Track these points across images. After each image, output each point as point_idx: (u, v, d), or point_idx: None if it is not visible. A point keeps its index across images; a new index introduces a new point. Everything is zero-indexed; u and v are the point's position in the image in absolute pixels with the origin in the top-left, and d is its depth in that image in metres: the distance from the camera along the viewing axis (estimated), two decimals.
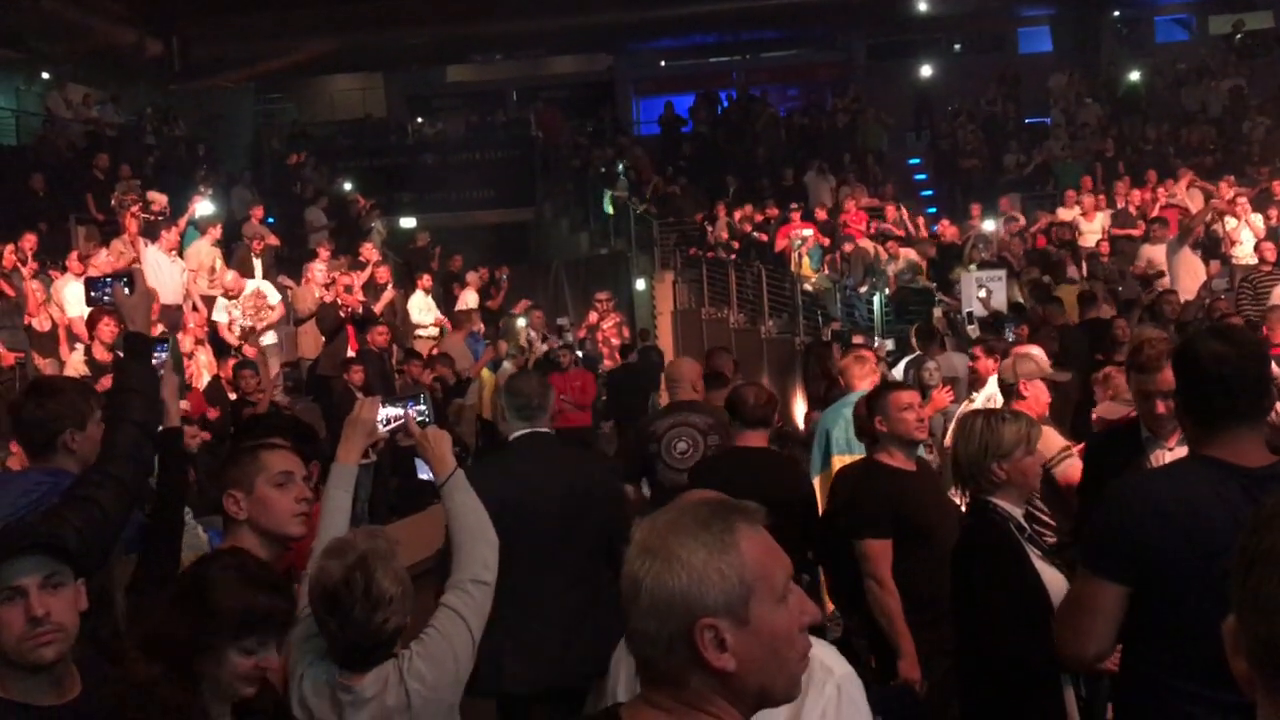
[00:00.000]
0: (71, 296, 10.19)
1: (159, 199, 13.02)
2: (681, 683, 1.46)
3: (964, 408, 6.19)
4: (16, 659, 2.18)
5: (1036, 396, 5.16)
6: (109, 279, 3.33)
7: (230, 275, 12.12)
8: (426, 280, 14.29)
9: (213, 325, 11.66)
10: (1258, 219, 14.00)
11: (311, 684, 2.67)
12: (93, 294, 3.39)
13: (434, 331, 13.82)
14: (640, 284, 19.79)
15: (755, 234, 17.81)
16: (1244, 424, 2.55)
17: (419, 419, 3.23)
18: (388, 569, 2.58)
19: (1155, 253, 13.18)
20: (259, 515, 2.96)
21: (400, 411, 3.22)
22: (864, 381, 5.95)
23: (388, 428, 3.21)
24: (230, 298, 11.68)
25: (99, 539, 2.66)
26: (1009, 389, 5.27)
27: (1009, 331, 9.18)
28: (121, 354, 3.05)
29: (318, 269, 12.49)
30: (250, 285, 12.05)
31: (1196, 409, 2.61)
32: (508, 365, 12.41)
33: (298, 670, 2.70)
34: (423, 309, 14.05)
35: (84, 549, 2.53)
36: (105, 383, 6.56)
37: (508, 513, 3.43)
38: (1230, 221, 14.00)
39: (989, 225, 16.08)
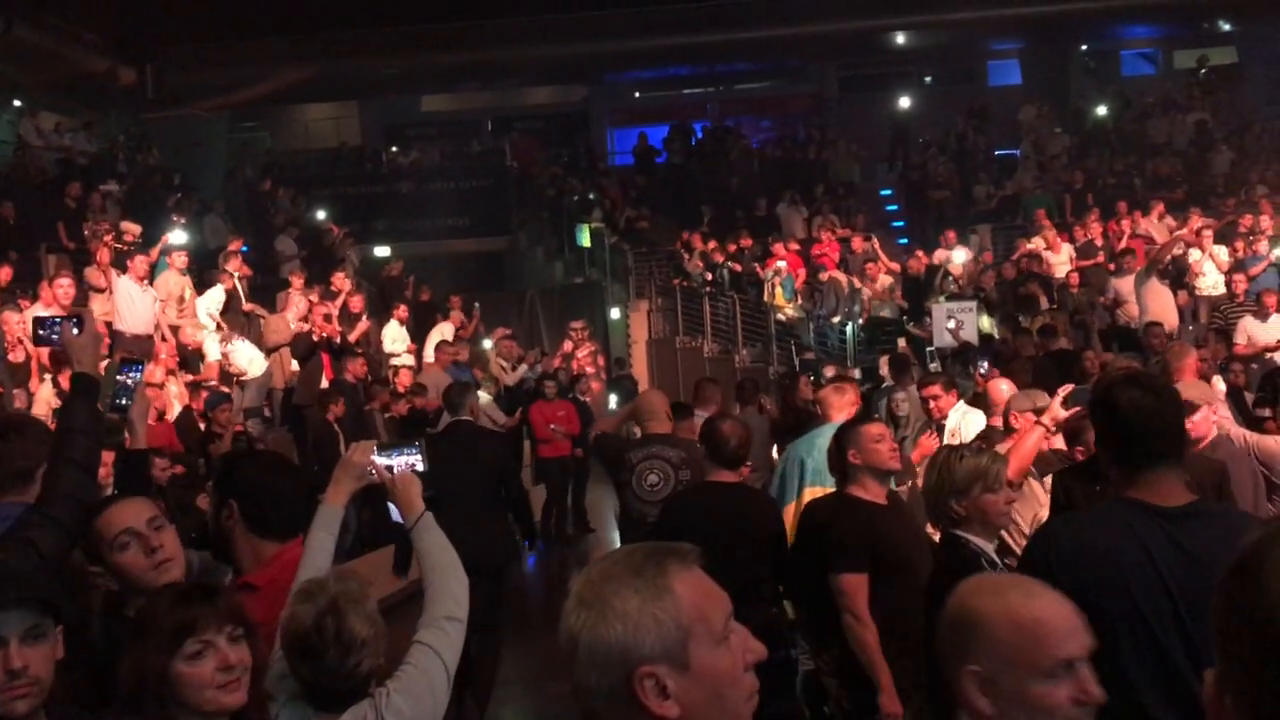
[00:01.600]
0: None
1: (132, 229, 12.96)
2: None
3: (917, 448, 6.19)
4: None
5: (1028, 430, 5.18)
6: (58, 319, 3.23)
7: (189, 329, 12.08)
8: (402, 311, 14.26)
9: (183, 354, 11.61)
10: (1221, 250, 14.21)
11: None
12: (40, 333, 3.24)
13: (408, 360, 13.79)
14: (615, 313, 19.85)
15: (729, 264, 17.92)
16: (1163, 466, 2.63)
17: (402, 469, 3.22)
18: (359, 612, 2.57)
19: (1123, 284, 13.34)
20: (122, 579, 2.91)
21: (391, 461, 3.21)
22: (841, 413, 5.89)
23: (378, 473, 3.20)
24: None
25: (31, 582, 2.62)
26: (1009, 427, 5.32)
27: (982, 364, 9.20)
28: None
29: (295, 298, 12.44)
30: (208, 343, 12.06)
31: (1117, 454, 2.68)
32: (483, 394, 12.38)
33: (272, 710, 2.66)
34: (396, 339, 14.01)
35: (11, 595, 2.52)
36: None
37: (442, 465, 5.35)
38: (1194, 253, 14.21)
39: (959, 256, 16.22)
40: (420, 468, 3.24)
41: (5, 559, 2.54)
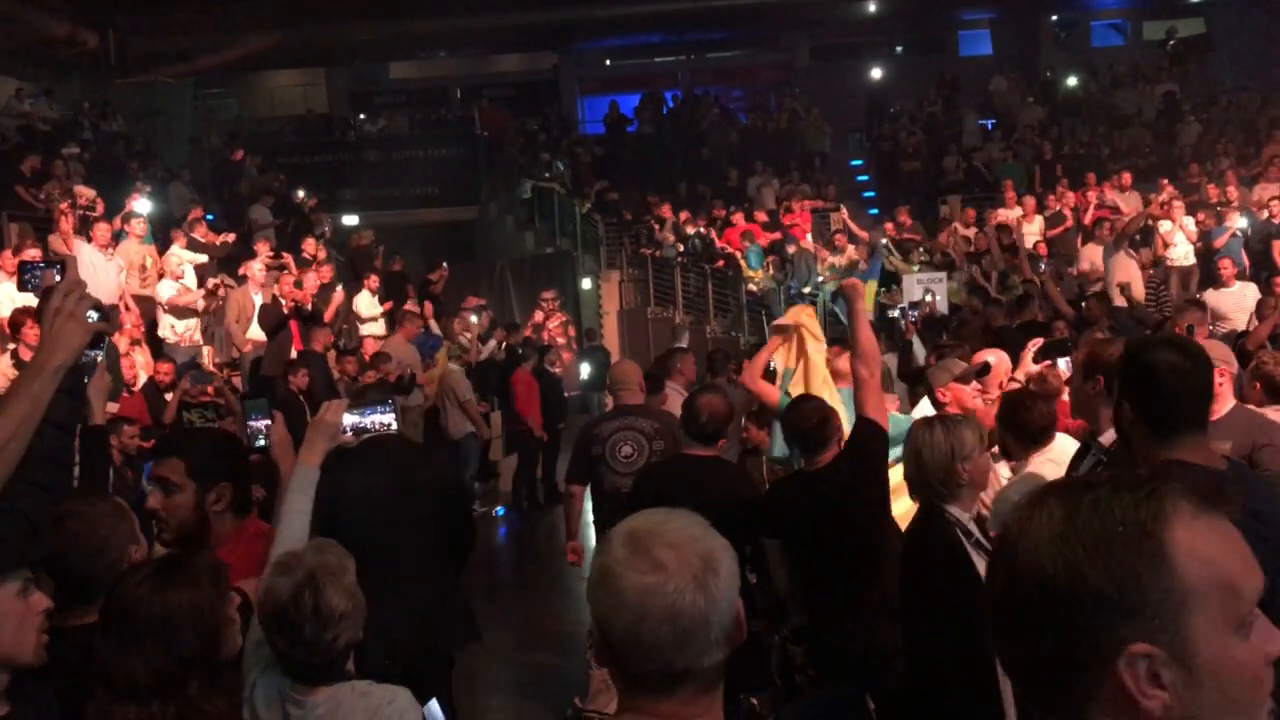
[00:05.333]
0: (3, 296, 9.93)
1: (85, 193, 12.72)
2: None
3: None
4: None
5: (958, 399, 5.23)
6: (41, 264, 3.24)
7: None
8: (374, 280, 14.15)
9: (149, 325, 11.49)
10: (1190, 221, 14.31)
11: (263, 693, 2.62)
12: (24, 277, 3.27)
13: (379, 329, 13.72)
14: (586, 283, 19.78)
15: (702, 230, 17.90)
16: (1198, 429, 2.64)
17: (381, 428, 3.21)
18: (337, 585, 2.54)
19: (1095, 253, 13.43)
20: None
21: (365, 420, 3.19)
22: (847, 379, 6.06)
23: (352, 433, 3.18)
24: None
25: (26, 549, 2.56)
26: (935, 400, 5.33)
27: (912, 313, 9.22)
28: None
29: (255, 269, 12.28)
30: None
31: (1154, 418, 2.64)
32: (453, 365, 12.37)
33: (250, 677, 2.65)
34: (369, 307, 13.94)
35: (8, 562, 2.49)
36: None
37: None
38: (1164, 224, 14.30)
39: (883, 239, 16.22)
40: (394, 426, 3.23)
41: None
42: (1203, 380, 2.65)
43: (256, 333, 11.91)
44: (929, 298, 10.94)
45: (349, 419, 3.17)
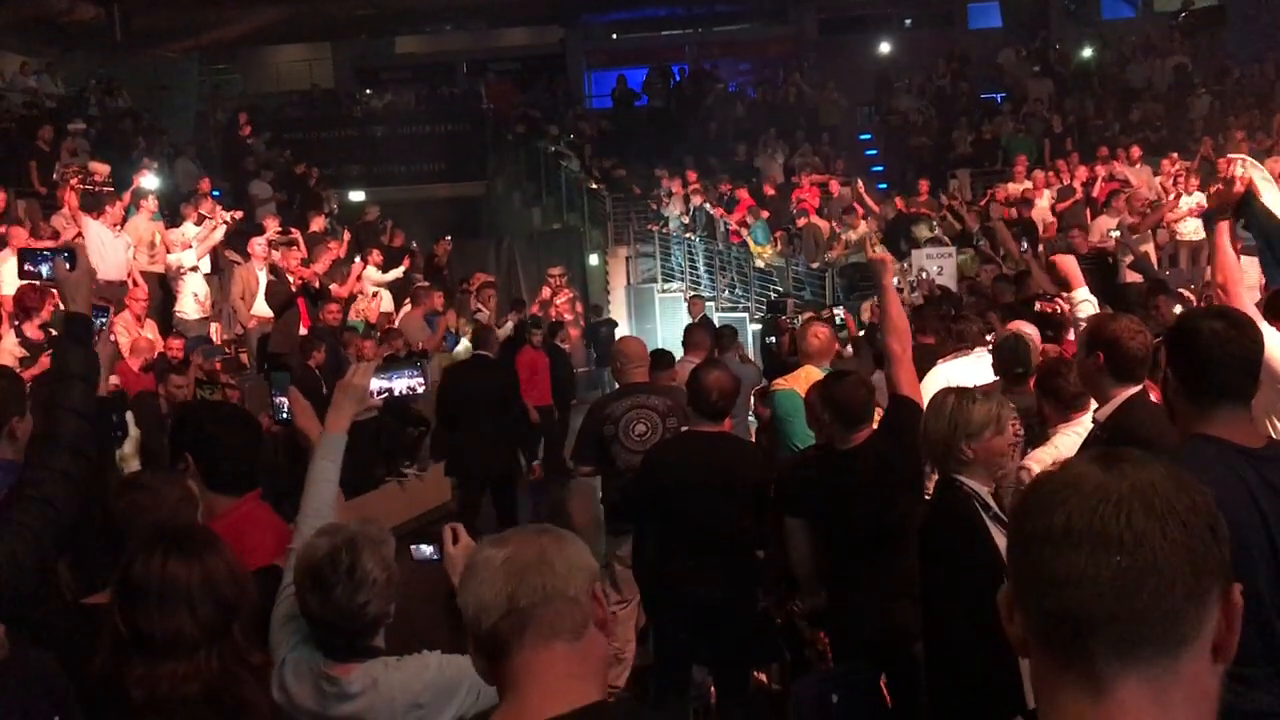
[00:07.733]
0: (9, 274, 9.91)
1: (101, 169, 12.69)
2: None
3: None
4: None
5: None
6: (49, 252, 3.01)
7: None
8: (377, 256, 14.13)
9: (159, 302, 11.48)
10: (1203, 197, 14.21)
11: (293, 668, 2.60)
12: (27, 267, 3.02)
13: (388, 305, 13.73)
14: (594, 259, 19.73)
15: (708, 205, 17.83)
16: (1239, 404, 2.57)
17: (408, 391, 3.21)
18: (375, 553, 2.53)
19: (1110, 224, 13.36)
20: None
21: (393, 384, 3.16)
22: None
23: (380, 397, 3.16)
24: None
25: (53, 537, 2.58)
26: (1019, 375, 4.92)
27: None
28: (57, 335, 2.87)
29: (258, 245, 12.25)
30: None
31: (1194, 385, 2.59)
32: (465, 342, 12.37)
33: (280, 652, 2.64)
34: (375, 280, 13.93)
35: (36, 552, 2.48)
36: (45, 362, 6.40)
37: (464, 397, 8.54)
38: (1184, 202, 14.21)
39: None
40: (420, 390, 3.22)
41: (22, 519, 2.48)
42: (1246, 350, 2.58)
43: (261, 308, 11.89)
44: (924, 274, 10.87)
45: (376, 383, 3.13)
